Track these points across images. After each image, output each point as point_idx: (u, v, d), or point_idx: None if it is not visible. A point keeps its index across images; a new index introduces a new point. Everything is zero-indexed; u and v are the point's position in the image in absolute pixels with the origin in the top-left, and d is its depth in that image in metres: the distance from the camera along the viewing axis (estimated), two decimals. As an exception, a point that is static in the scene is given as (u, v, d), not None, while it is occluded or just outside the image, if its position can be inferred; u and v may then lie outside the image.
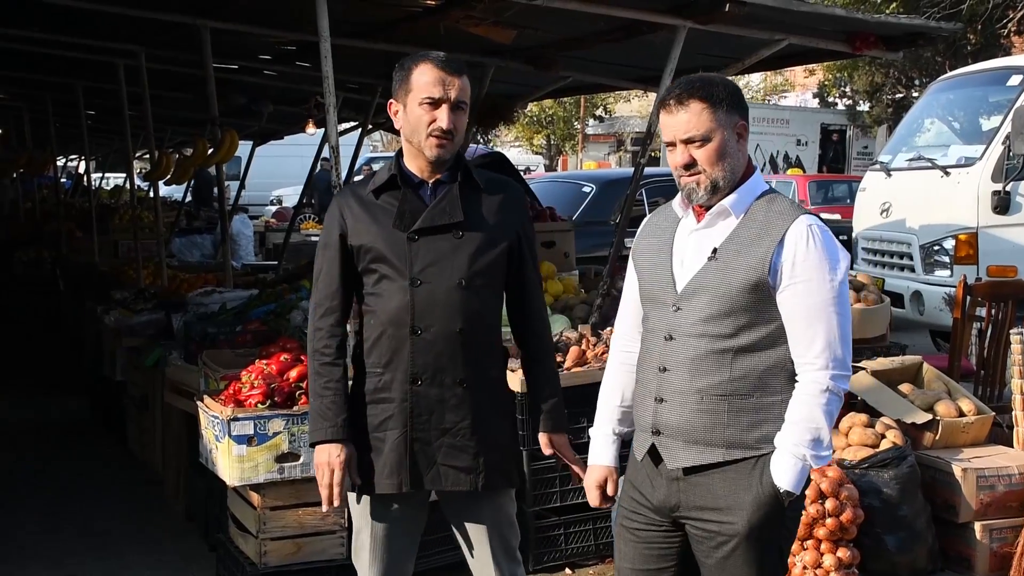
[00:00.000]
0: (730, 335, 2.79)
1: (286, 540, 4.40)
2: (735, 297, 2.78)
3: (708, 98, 2.80)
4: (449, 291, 3.10)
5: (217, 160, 7.54)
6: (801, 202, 18.81)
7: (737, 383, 2.80)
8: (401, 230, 3.12)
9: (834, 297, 2.76)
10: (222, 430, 4.30)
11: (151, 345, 6.40)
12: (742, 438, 2.80)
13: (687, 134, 2.81)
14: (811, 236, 2.77)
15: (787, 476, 2.76)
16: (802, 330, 2.77)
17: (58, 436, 7.59)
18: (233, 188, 15.34)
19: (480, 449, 3.16)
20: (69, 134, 15.33)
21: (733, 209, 2.85)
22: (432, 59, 3.12)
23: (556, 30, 6.88)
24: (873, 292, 5.75)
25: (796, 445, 2.74)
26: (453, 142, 3.13)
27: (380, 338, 3.16)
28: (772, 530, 2.82)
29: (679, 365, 2.84)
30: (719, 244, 2.84)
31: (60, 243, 12.31)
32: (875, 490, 4.59)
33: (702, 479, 2.85)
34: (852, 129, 27.70)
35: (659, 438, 2.89)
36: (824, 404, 2.75)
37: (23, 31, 8.07)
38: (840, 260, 2.80)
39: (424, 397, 3.12)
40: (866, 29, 6.08)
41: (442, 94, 3.08)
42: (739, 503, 2.80)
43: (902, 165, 9.88)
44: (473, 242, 3.14)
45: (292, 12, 6.59)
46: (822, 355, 2.76)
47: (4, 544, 5.47)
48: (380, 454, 3.16)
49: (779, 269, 2.77)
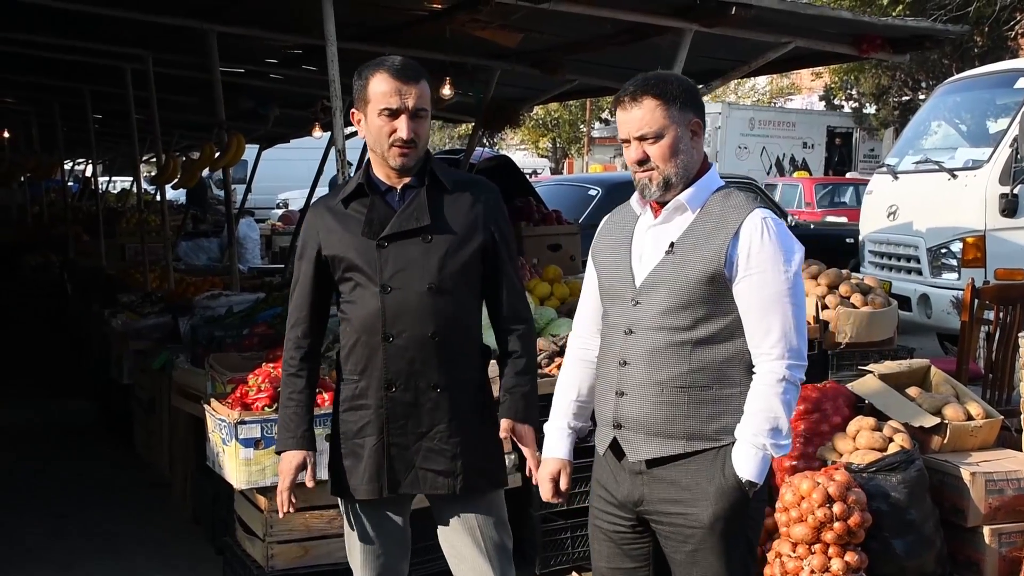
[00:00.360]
0: (688, 327, 2.84)
1: (293, 543, 4.40)
2: (692, 290, 2.83)
3: (661, 95, 2.84)
4: (420, 296, 3.10)
5: (224, 164, 7.55)
6: (807, 205, 18.86)
7: (696, 375, 2.84)
8: (370, 237, 3.13)
9: (788, 288, 2.82)
10: (229, 433, 4.30)
11: (158, 348, 6.41)
12: (702, 429, 2.85)
13: (640, 131, 2.86)
14: (765, 228, 2.83)
15: (748, 466, 2.80)
16: (757, 321, 2.83)
17: (65, 439, 7.60)
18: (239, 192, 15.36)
19: (457, 452, 3.16)
20: (76, 138, 15.35)
21: (689, 204, 2.90)
22: (387, 68, 3.10)
23: (562, 33, 6.89)
24: (880, 295, 5.73)
25: (755, 435, 2.79)
26: (416, 149, 3.13)
27: (355, 345, 3.18)
28: (737, 521, 2.85)
29: (639, 358, 2.89)
30: (676, 238, 2.89)
31: (67, 247, 12.33)
32: (883, 494, 4.56)
33: (664, 472, 2.88)
34: (858, 132, 27.66)
35: (620, 431, 2.94)
36: (781, 393, 2.80)
37: (31, 35, 8.09)
38: (794, 252, 2.85)
39: (399, 403, 3.14)
40: (873, 32, 6.08)
41: (399, 104, 3.08)
42: (702, 494, 2.84)
43: (909, 168, 9.87)
44: (443, 245, 3.14)
45: (299, 16, 6.61)
46: (777, 345, 2.81)
47: (11, 546, 5.48)
48: (360, 460, 3.18)
49: (735, 261, 2.82)
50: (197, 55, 7.64)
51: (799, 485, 4.46)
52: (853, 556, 4.39)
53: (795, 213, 15.44)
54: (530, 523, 4.89)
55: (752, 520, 2.92)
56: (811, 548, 4.42)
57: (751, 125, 25.87)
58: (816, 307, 5.44)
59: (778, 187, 19.48)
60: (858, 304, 5.53)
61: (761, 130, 25.93)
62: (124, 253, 12.23)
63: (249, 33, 7.22)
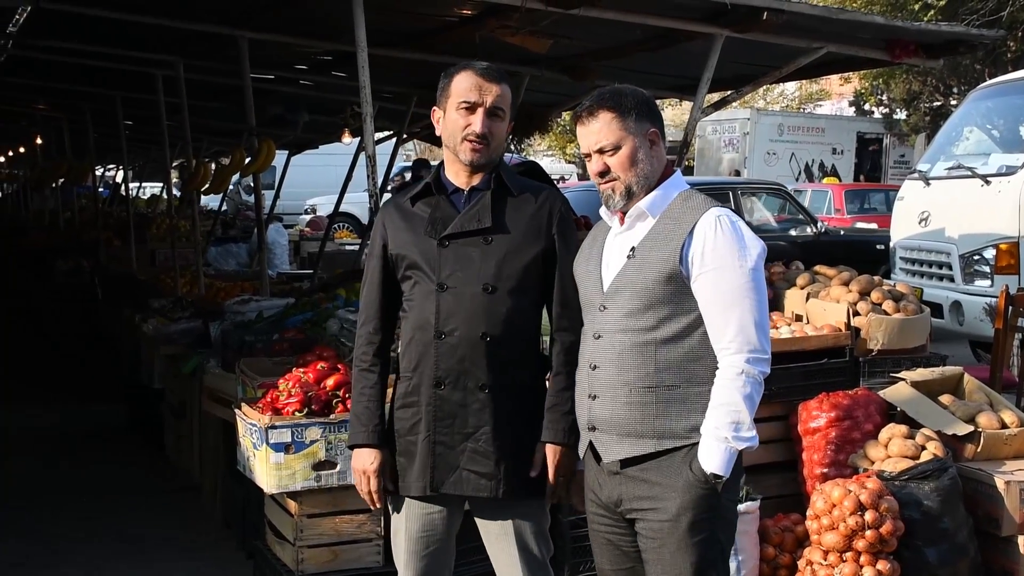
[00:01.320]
0: (651, 328, 2.92)
1: (323, 548, 4.40)
2: (652, 290, 2.91)
3: (616, 108, 2.96)
4: (474, 296, 3.13)
5: (254, 169, 7.60)
6: (837, 211, 18.74)
7: (662, 374, 2.92)
8: (432, 236, 3.17)
9: (746, 283, 2.88)
10: (260, 438, 4.31)
11: (188, 353, 6.44)
12: (672, 428, 2.91)
13: (598, 144, 2.98)
14: (719, 225, 2.90)
15: (712, 459, 2.85)
16: (716, 316, 2.89)
17: (96, 444, 7.66)
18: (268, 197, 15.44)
19: (502, 455, 3.16)
20: (107, 144, 15.48)
21: (649, 210, 2.99)
22: (473, 66, 3.21)
23: (592, 39, 6.88)
24: (912, 302, 5.67)
25: (717, 428, 2.85)
26: (489, 147, 3.17)
27: (410, 342, 3.22)
28: (704, 515, 2.89)
29: (607, 362, 2.97)
30: (637, 243, 2.98)
31: (98, 252, 12.42)
32: (915, 502, 4.53)
33: (638, 472, 2.95)
34: (889, 138, 27.46)
35: (594, 434, 3.02)
36: (740, 387, 2.85)
37: (63, 43, 8.17)
38: (750, 247, 2.90)
39: (447, 401, 3.16)
40: (906, 37, 6.04)
41: (478, 98, 3.15)
42: (672, 490, 2.90)
43: (941, 174, 9.79)
44: (502, 248, 3.16)
45: (329, 23, 6.63)
46: (736, 339, 2.87)
47: (43, 548, 5.52)
48: (411, 457, 3.22)
49: (690, 259, 2.90)
50: (228, 61, 7.69)
51: (830, 492, 4.44)
52: (885, 564, 4.36)
53: (825, 219, 15.34)
54: (559, 529, 4.87)
55: (722, 519, 2.96)
56: (842, 556, 4.39)
57: (780, 131, 25.74)
58: (847, 314, 5.40)
59: (807, 193, 19.36)
60: (890, 311, 5.48)
61: (790, 136, 25.80)
62: (154, 258, 12.30)
63: (280, 39, 7.26)
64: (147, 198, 20.35)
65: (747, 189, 13.02)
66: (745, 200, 12.33)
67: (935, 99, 24.23)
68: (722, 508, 2.94)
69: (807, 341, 5.32)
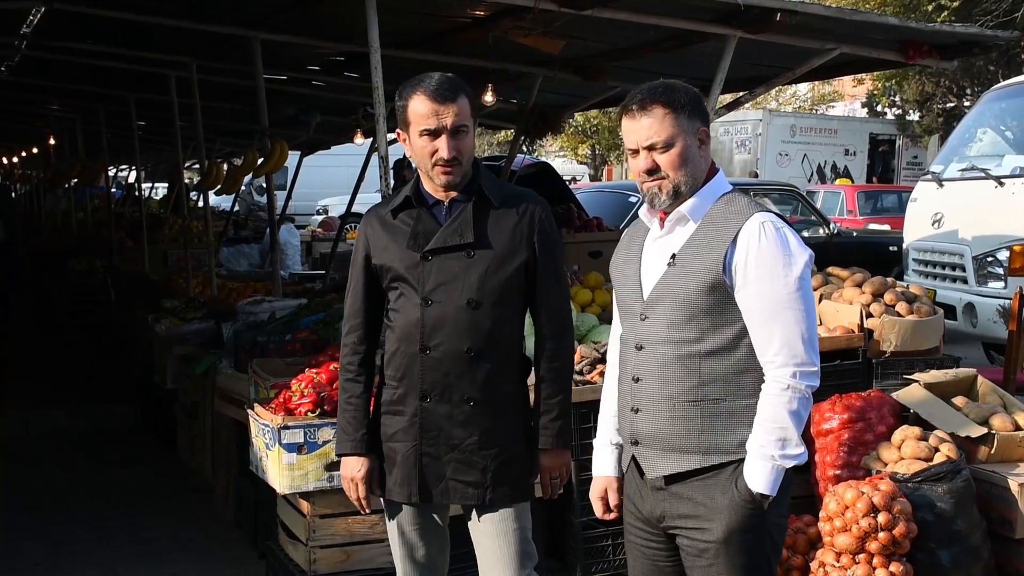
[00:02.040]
0: (695, 340, 2.80)
1: (335, 548, 4.41)
2: (694, 301, 2.79)
3: (670, 103, 2.81)
4: (458, 311, 3.14)
5: (267, 170, 7.60)
6: (849, 212, 18.70)
7: (707, 388, 2.80)
8: (414, 251, 3.18)
9: (790, 293, 2.75)
10: (272, 438, 4.32)
11: (201, 353, 6.45)
12: (717, 443, 2.80)
13: (649, 140, 2.82)
14: (763, 233, 2.76)
15: (758, 478, 2.75)
16: (760, 328, 2.77)
17: (109, 444, 7.68)
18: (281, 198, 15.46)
19: (488, 464, 3.19)
20: (120, 144, 15.53)
21: (691, 215, 2.86)
22: (423, 88, 3.13)
23: (605, 40, 6.88)
24: (926, 303, 5.66)
25: (763, 446, 2.74)
26: (461, 166, 3.16)
27: (395, 353, 3.24)
28: (752, 535, 2.79)
29: (650, 374, 2.86)
30: (677, 250, 2.85)
31: (111, 252, 12.46)
32: (929, 504, 4.51)
33: (683, 488, 2.85)
34: (902, 139, 27.40)
35: (637, 448, 2.92)
36: (786, 402, 2.74)
37: (77, 44, 8.20)
38: (796, 255, 2.77)
39: (433, 414, 3.19)
40: (920, 38, 6.02)
41: (438, 124, 3.11)
42: (716, 508, 2.80)
43: (954, 175, 9.75)
44: (484, 261, 3.16)
45: (342, 24, 6.64)
46: (780, 353, 2.75)
47: (59, 549, 5.54)
48: (393, 463, 3.26)
49: (734, 269, 2.77)
50: (241, 62, 7.71)
51: (843, 494, 4.42)
52: (898, 567, 4.35)
53: (837, 220, 15.30)
54: (571, 530, 4.87)
55: (770, 536, 2.85)
56: (855, 558, 4.38)
57: (792, 132, 25.70)
58: (860, 315, 5.38)
59: (819, 194, 19.32)
60: (903, 312, 5.47)
61: (802, 137, 25.76)
62: (167, 259, 12.34)
63: (293, 40, 7.28)
64: (159, 199, 20.41)
65: (759, 190, 12.97)
66: (758, 200, 12.29)
67: (948, 100, 24.17)
68: (770, 526, 2.82)
69: (820, 343, 5.29)
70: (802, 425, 2.76)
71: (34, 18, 7.46)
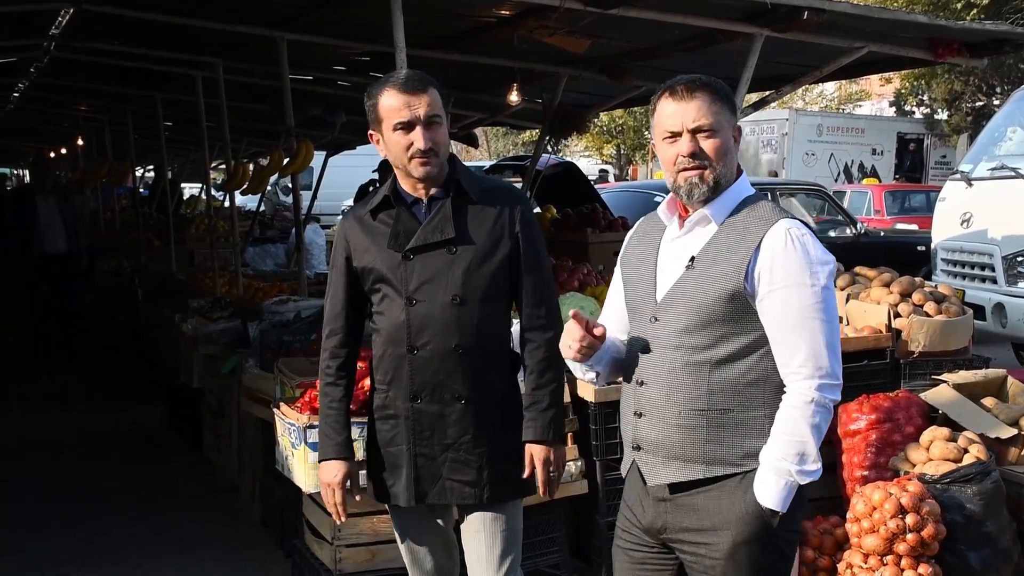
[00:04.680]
0: (707, 347, 2.70)
1: (361, 547, 4.42)
2: (711, 308, 2.69)
3: (715, 92, 2.75)
4: (444, 308, 3.12)
5: (292, 170, 7.63)
6: (877, 212, 18.58)
7: (716, 397, 2.70)
8: (395, 250, 3.16)
9: (816, 303, 2.65)
10: (298, 437, 4.33)
11: (227, 353, 6.47)
12: (723, 454, 2.71)
13: (696, 122, 2.71)
14: (789, 240, 2.67)
15: (771, 494, 2.65)
16: (784, 339, 2.67)
17: (136, 442, 7.72)
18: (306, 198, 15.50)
19: (484, 462, 3.18)
20: (147, 145, 15.62)
21: (713, 216, 2.76)
22: (392, 83, 3.12)
23: (630, 39, 6.86)
24: (955, 303, 5.61)
25: (780, 460, 2.64)
26: (438, 157, 3.14)
27: (383, 356, 3.23)
28: (762, 552, 2.70)
29: (656, 379, 2.77)
30: (696, 252, 2.76)
31: (139, 252, 12.53)
32: (958, 506, 4.47)
33: (687, 499, 2.75)
34: (930, 138, 27.20)
35: (639, 454, 2.84)
36: (809, 416, 2.64)
37: (105, 44, 8.25)
38: (822, 264, 2.68)
39: (424, 414, 3.18)
40: (950, 36, 5.96)
41: (411, 116, 3.09)
42: (724, 523, 2.70)
43: (984, 174, 9.67)
44: (467, 257, 3.15)
45: (367, 24, 6.66)
46: (806, 364, 2.65)
47: (87, 547, 5.57)
48: (396, 469, 3.25)
49: (757, 276, 2.67)
50: (267, 63, 7.74)
51: (871, 495, 4.39)
52: (927, 568, 4.31)
53: (864, 220, 15.21)
54: (596, 530, 4.86)
55: (781, 552, 2.75)
56: (883, 560, 4.35)
57: (819, 131, 25.56)
58: (888, 315, 5.34)
59: (847, 194, 19.21)
60: (932, 312, 5.42)
61: (829, 136, 25.60)
62: (193, 258, 12.39)
63: (318, 41, 7.30)
64: (186, 199, 20.50)
65: (786, 190, 12.91)
66: (784, 201, 12.22)
67: (977, 99, 23.98)
68: (780, 541, 2.72)
69: (847, 343, 5.26)
70: (821, 440, 2.67)
71: (63, 19, 7.51)
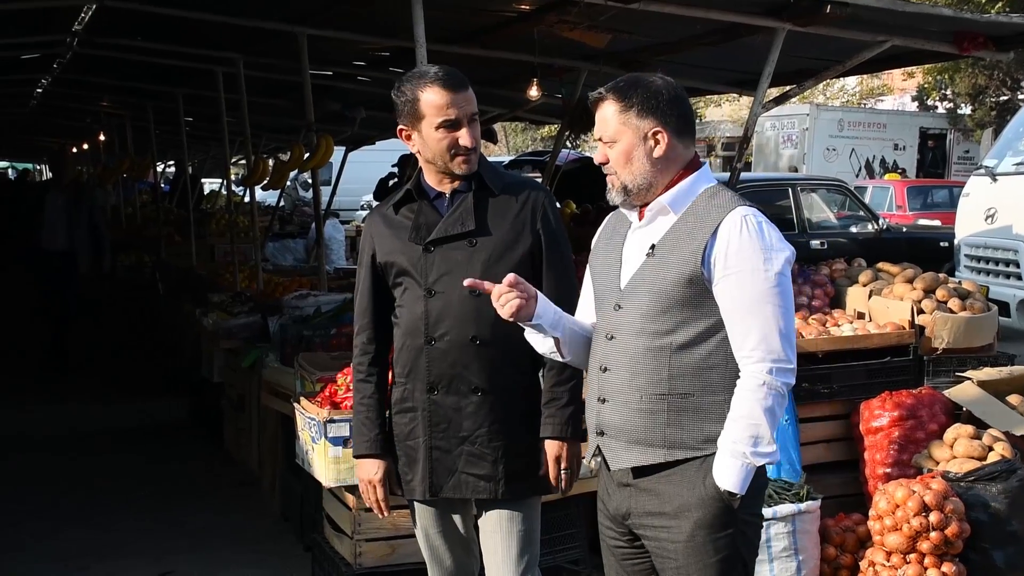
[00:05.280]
0: (668, 332, 2.74)
1: (381, 541, 4.42)
2: (670, 293, 2.73)
3: (620, 100, 2.78)
4: (462, 300, 3.12)
5: (312, 165, 7.64)
6: (899, 207, 18.47)
7: (676, 381, 2.74)
8: (416, 243, 3.17)
9: (770, 288, 2.68)
10: (318, 432, 4.33)
11: (248, 347, 6.49)
12: (683, 438, 2.74)
13: (598, 134, 2.84)
14: (745, 226, 2.70)
15: (727, 475, 2.68)
16: (737, 323, 2.70)
17: (157, 436, 7.76)
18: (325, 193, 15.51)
19: (499, 456, 3.17)
20: (168, 140, 15.68)
21: (671, 206, 2.80)
22: (434, 80, 3.11)
23: (651, 34, 6.83)
24: (979, 300, 5.57)
25: (734, 443, 2.67)
26: (477, 153, 3.17)
27: (402, 348, 3.24)
28: (720, 533, 2.72)
29: (619, 365, 2.80)
30: (657, 240, 2.80)
31: (159, 247, 12.58)
32: (982, 504, 4.44)
33: (649, 483, 2.78)
34: (953, 133, 27.02)
35: (602, 439, 2.87)
36: (761, 399, 2.66)
37: (126, 41, 8.28)
38: (777, 251, 2.70)
39: (441, 406, 3.18)
40: (975, 29, 5.89)
41: (458, 114, 3.10)
42: (684, 507, 2.73)
43: (1008, 170, 9.60)
44: (487, 249, 3.15)
45: (388, 19, 6.65)
46: (758, 348, 2.68)
47: (109, 539, 5.60)
48: (413, 462, 3.24)
49: (713, 262, 2.71)
50: (287, 58, 7.75)
51: (894, 493, 4.36)
52: (950, 567, 4.28)
53: (886, 216, 15.12)
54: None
55: (743, 535, 2.77)
56: (906, 558, 4.32)
57: (840, 127, 25.43)
58: (912, 312, 5.31)
59: (868, 189, 19.10)
60: (956, 309, 5.39)
61: (850, 132, 25.47)
62: (214, 253, 12.43)
63: (339, 36, 7.30)
64: (207, 194, 20.57)
65: (807, 185, 12.83)
66: (805, 196, 12.15)
67: (1002, 93, 23.82)
68: (741, 524, 2.74)
69: (869, 339, 5.24)
70: (776, 423, 2.70)
71: (85, 15, 7.55)
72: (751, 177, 12.11)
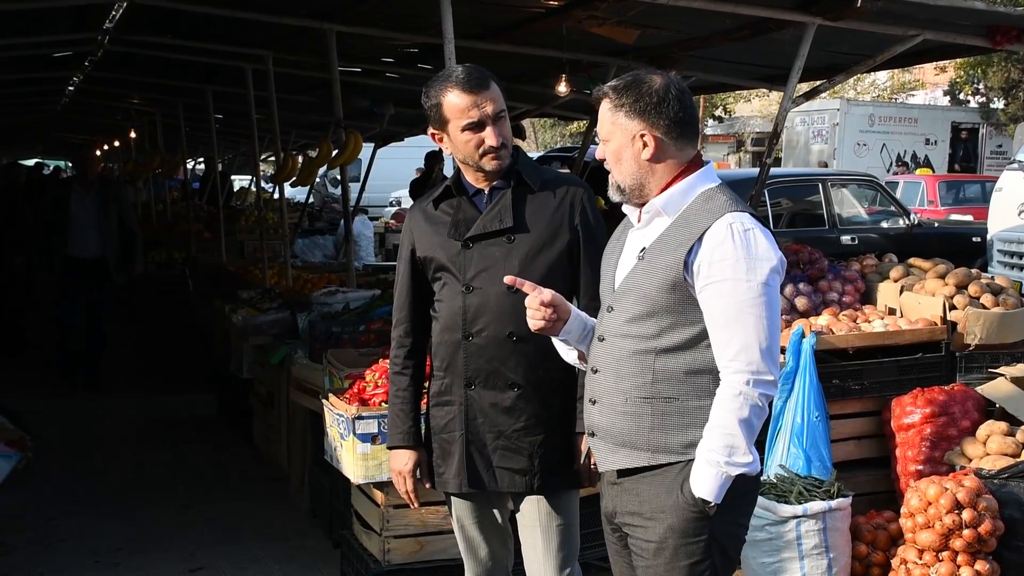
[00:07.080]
0: (652, 336, 2.75)
1: (409, 538, 4.43)
2: (655, 297, 2.73)
3: (611, 99, 2.78)
4: (500, 296, 3.14)
5: (341, 162, 7.66)
6: (931, 202, 18.31)
7: (660, 385, 2.74)
8: (455, 239, 3.20)
9: (752, 299, 2.64)
10: (347, 428, 4.34)
11: (277, 344, 6.52)
12: (667, 442, 2.74)
13: (598, 131, 2.85)
14: (730, 234, 2.66)
15: (703, 483, 2.67)
16: (718, 331, 2.68)
17: (187, 432, 7.80)
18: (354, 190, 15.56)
19: (535, 451, 3.19)
20: (198, 137, 15.78)
21: (664, 209, 2.78)
22: (455, 83, 3.12)
23: (680, 29, 6.80)
24: (1012, 295, 5.50)
25: (710, 451, 2.66)
26: (507, 149, 3.17)
27: (440, 343, 3.27)
28: (691, 540, 2.71)
29: (607, 367, 2.82)
30: (648, 244, 2.79)
31: (189, 244, 12.66)
32: (1016, 501, 4.39)
33: (632, 484, 2.80)
34: (985, 127, 26.76)
35: (593, 440, 2.90)
36: (736, 409, 2.64)
37: (157, 38, 8.33)
38: (762, 259, 2.66)
39: (478, 401, 3.21)
40: (1008, 23, 5.83)
41: (480, 116, 3.11)
42: (660, 509, 2.74)
43: (1041, 164, 9.50)
44: (525, 245, 3.17)
45: (416, 15, 6.66)
46: (737, 359, 2.65)
47: (141, 533, 5.64)
48: (447, 455, 3.27)
49: (696, 269, 2.69)
50: (316, 55, 7.77)
51: (926, 490, 4.32)
52: (984, 565, 4.24)
53: (918, 211, 14.99)
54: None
55: (717, 543, 2.74)
56: (939, 555, 4.28)
57: (871, 122, 25.24)
58: (944, 307, 5.26)
59: (899, 184, 18.96)
60: (988, 304, 5.33)
61: (881, 127, 25.27)
62: (243, 250, 12.50)
63: (367, 33, 7.31)
64: (236, 191, 20.68)
65: (837, 181, 12.74)
66: (835, 192, 12.06)
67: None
68: (718, 532, 2.72)
69: (901, 335, 5.20)
70: (753, 433, 2.67)
71: (116, 13, 7.60)
72: (781, 172, 12.01)
